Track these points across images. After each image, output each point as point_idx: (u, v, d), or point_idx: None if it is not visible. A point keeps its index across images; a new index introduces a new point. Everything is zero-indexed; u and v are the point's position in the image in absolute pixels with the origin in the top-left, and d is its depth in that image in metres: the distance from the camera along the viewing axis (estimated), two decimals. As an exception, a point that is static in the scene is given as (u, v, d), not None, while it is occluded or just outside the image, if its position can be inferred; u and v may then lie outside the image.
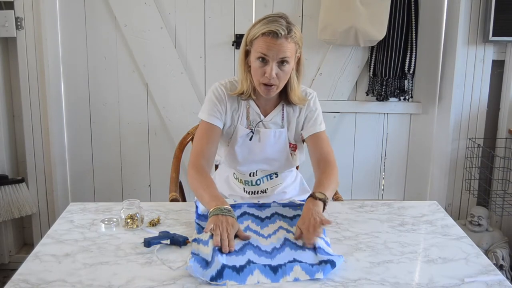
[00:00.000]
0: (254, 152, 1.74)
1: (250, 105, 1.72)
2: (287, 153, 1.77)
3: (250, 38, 1.60)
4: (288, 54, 1.56)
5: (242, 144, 1.73)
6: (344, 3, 2.48)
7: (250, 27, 1.62)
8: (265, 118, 1.74)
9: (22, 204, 2.57)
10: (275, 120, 1.74)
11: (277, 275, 1.24)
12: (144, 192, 2.87)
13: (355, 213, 1.65)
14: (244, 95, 1.69)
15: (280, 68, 1.58)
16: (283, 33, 1.53)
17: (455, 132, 2.74)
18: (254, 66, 1.61)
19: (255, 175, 1.80)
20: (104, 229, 1.49)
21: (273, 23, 1.54)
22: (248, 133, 1.72)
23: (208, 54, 2.72)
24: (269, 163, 1.78)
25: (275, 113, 1.74)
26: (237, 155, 1.74)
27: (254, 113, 1.73)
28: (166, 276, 1.23)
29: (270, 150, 1.74)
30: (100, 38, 2.68)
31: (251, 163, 1.77)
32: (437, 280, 1.24)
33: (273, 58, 1.56)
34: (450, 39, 2.66)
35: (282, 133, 1.74)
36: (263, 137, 1.73)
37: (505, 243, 2.65)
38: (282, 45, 1.54)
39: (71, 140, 2.77)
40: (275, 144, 1.74)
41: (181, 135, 2.12)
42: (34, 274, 1.23)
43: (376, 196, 2.97)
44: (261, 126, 1.73)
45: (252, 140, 1.73)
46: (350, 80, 2.77)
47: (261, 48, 1.56)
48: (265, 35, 1.54)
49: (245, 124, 1.73)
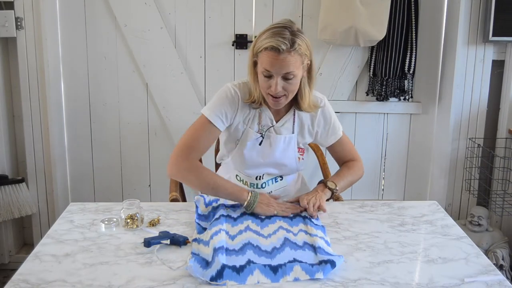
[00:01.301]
0: (263, 156, 1.73)
1: (263, 110, 1.71)
2: (295, 158, 1.76)
3: (255, 50, 1.58)
4: (291, 68, 1.53)
5: (251, 148, 1.72)
6: (344, 3, 2.48)
7: (257, 37, 1.59)
8: (277, 123, 1.73)
9: (22, 204, 2.57)
10: (286, 126, 1.73)
11: (277, 275, 1.24)
12: (144, 192, 2.87)
13: (355, 213, 1.65)
14: (256, 103, 1.67)
15: (286, 82, 1.57)
16: (285, 48, 1.50)
17: (455, 132, 2.74)
18: (260, 78, 1.60)
19: (262, 179, 1.79)
20: (104, 229, 1.49)
21: (276, 37, 1.51)
22: (258, 137, 1.71)
23: (208, 54, 2.72)
24: (277, 167, 1.77)
25: (286, 118, 1.73)
26: (245, 158, 1.73)
27: (266, 118, 1.72)
28: (166, 276, 1.23)
29: (279, 155, 1.73)
30: (100, 38, 2.68)
31: (259, 167, 1.76)
32: (437, 280, 1.24)
33: (277, 73, 1.54)
34: (450, 39, 2.66)
35: (292, 138, 1.73)
36: (273, 142, 1.72)
37: (505, 243, 2.65)
38: (285, 60, 1.52)
39: (71, 140, 2.77)
40: (284, 150, 1.73)
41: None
42: (34, 274, 1.23)
43: (376, 196, 2.97)
44: (272, 131, 1.72)
45: (262, 145, 1.72)
46: (350, 80, 2.77)
47: (264, 64, 1.54)
48: (268, 50, 1.52)
49: (255, 128, 1.72)
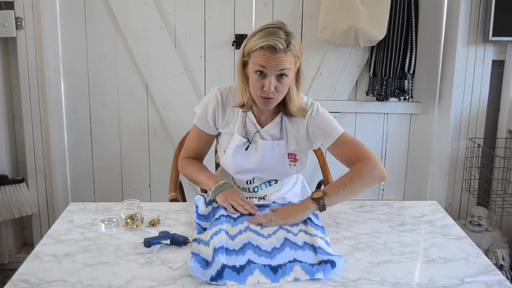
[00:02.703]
0: (251, 161, 1.71)
1: (247, 115, 1.70)
2: (284, 164, 1.73)
3: (247, 50, 1.57)
4: (287, 66, 1.53)
5: (239, 152, 1.70)
6: (344, 3, 2.48)
7: (248, 38, 1.58)
8: (262, 129, 1.71)
9: (22, 204, 2.57)
10: (272, 132, 1.71)
11: (277, 275, 1.24)
12: (144, 192, 2.87)
13: (355, 213, 1.66)
14: (245, 107, 1.66)
15: (279, 81, 1.55)
16: (282, 47, 1.50)
17: (455, 132, 2.74)
18: (252, 78, 1.58)
19: (252, 183, 1.77)
20: (104, 229, 1.49)
21: (272, 36, 1.50)
22: (245, 142, 1.70)
23: (208, 54, 2.72)
24: (266, 173, 1.75)
25: (272, 125, 1.71)
26: (232, 163, 1.72)
27: (250, 123, 1.71)
28: (166, 276, 1.23)
29: (268, 161, 1.70)
30: (100, 38, 2.68)
31: (247, 172, 1.74)
32: (437, 280, 1.24)
33: (271, 71, 1.53)
34: (450, 39, 2.66)
35: (280, 144, 1.70)
36: (260, 147, 1.69)
37: (505, 243, 2.65)
38: (280, 58, 1.51)
39: (71, 140, 2.77)
40: (272, 155, 1.70)
41: (181, 135, 2.12)
42: (34, 274, 1.23)
43: (376, 196, 2.96)
44: (258, 137, 1.71)
45: (248, 150, 1.70)
46: (350, 80, 2.77)
47: (259, 61, 1.53)
48: (264, 49, 1.51)
49: (242, 132, 1.71)
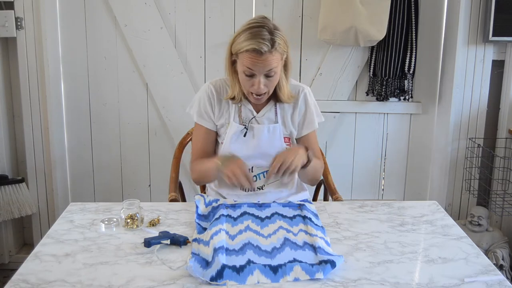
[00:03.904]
0: (249, 148, 1.75)
1: (242, 103, 1.76)
2: (282, 148, 1.76)
3: (234, 50, 1.63)
4: (274, 65, 1.60)
5: (236, 140, 1.75)
6: (344, 3, 2.48)
7: (234, 36, 1.64)
8: (258, 114, 1.77)
9: (22, 204, 2.57)
10: (268, 116, 1.77)
11: (277, 275, 1.24)
12: (144, 192, 2.87)
13: (355, 213, 1.65)
14: (235, 99, 1.73)
15: (268, 79, 1.63)
16: (267, 49, 1.56)
17: (455, 132, 2.74)
18: (241, 77, 1.66)
19: (251, 172, 1.79)
20: (104, 229, 1.49)
21: (256, 39, 1.56)
22: (242, 129, 1.75)
23: (208, 54, 2.72)
24: (265, 158, 1.76)
25: (267, 108, 1.77)
26: (231, 151, 1.74)
27: (246, 110, 1.76)
28: (166, 276, 1.23)
29: (265, 146, 1.75)
30: (100, 38, 2.68)
31: (246, 159, 1.75)
32: (437, 280, 1.24)
33: (259, 72, 1.61)
34: (450, 39, 2.66)
35: (276, 128, 1.76)
36: (257, 132, 1.75)
37: (505, 243, 2.65)
38: (266, 59, 1.58)
39: (71, 140, 2.77)
40: (269, 139, 1.76)
41: (181, 135, 2.12)
42: (34, 274, 1.23)
43: (376, 196, 2.96)
44: (255, 122, 1.76)
45: (246, 136, 1.75)
46: (350, 80, 2.77)
47: (246, 63, 1.60)
48: (249, 52, 1.58)
49: (237, 121, 1.76)
